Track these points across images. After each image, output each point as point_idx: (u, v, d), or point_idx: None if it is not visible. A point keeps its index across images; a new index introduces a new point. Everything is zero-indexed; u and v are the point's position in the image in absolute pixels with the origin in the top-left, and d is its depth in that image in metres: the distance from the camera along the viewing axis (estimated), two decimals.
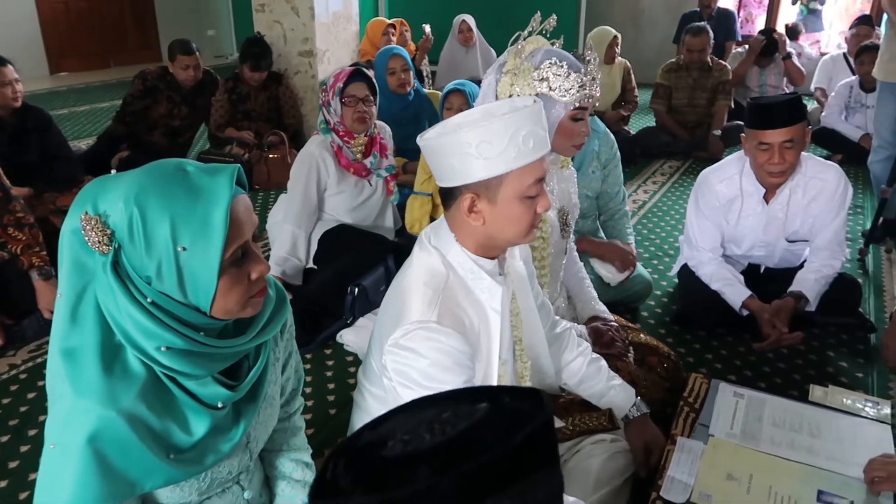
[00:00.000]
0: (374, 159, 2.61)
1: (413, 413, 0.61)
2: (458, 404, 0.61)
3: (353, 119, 2.51)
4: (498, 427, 0.57)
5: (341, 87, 2.49)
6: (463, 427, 0.57)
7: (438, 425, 0.58)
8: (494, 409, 0.60)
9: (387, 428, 0.60)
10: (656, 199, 4.01)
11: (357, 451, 0.58)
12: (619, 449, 1.59)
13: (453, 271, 1.33)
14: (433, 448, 0.56)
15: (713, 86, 4.78)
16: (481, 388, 0.68)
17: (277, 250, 2.57)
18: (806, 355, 2.34)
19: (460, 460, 0.54)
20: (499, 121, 1.20)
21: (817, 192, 2.33)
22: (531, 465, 0.57)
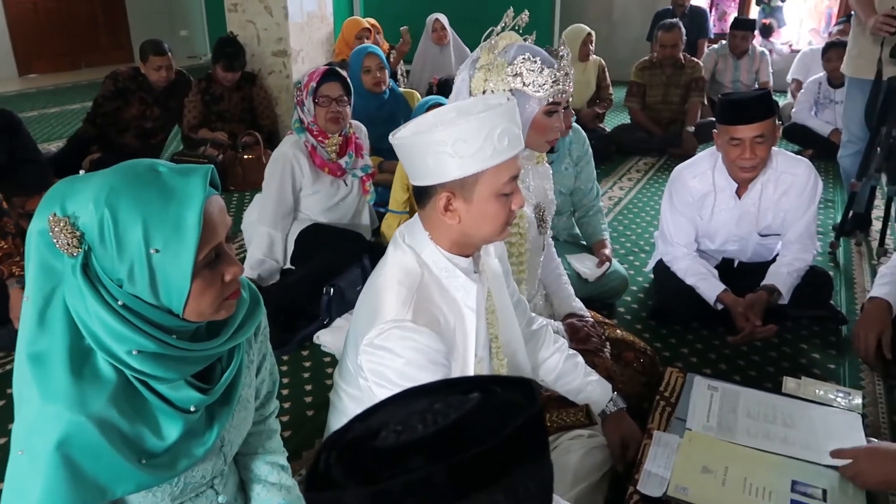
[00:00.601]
0: (349, 159, 2.60)
1: (404, 404, 0.62)
2: (450, 395, 0.61)
3: (326, 119, 2.50)
4: (489, 418, 0.58)
5: (314, 87, 2.47)
6: (455, 417, 0.57)
7: (430, 416, 0.58)
8: (486, 400, 0.60)
9: (378, 419, 0.60)
10: (632, 196, 4.04)
11: (349, 442, 0.58)
12: (596, 444, 1.60)
13: (428, 270, 1.32)
14: (426, 438, 0.56)
15: (686, 83, 4.84)
16: (473, 378, 0.68)
17: (254, 252, 2.54)
18: (779, 347, 2.37)
19: (453, 450, 0.54)
20: (474, 119, 1.20)
21: (788, 186, 2.37)
22: (523, 455, 0.57)
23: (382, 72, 3.59)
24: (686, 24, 5.34)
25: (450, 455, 0.54)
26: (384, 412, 0.61)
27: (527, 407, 0.59)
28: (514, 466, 0.56)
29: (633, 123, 4.99)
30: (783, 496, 1.42)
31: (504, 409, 0.59)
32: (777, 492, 1.43)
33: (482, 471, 0.54)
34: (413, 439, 0.56)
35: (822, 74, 4.83)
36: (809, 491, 1.43)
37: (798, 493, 1.43)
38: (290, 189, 2.54)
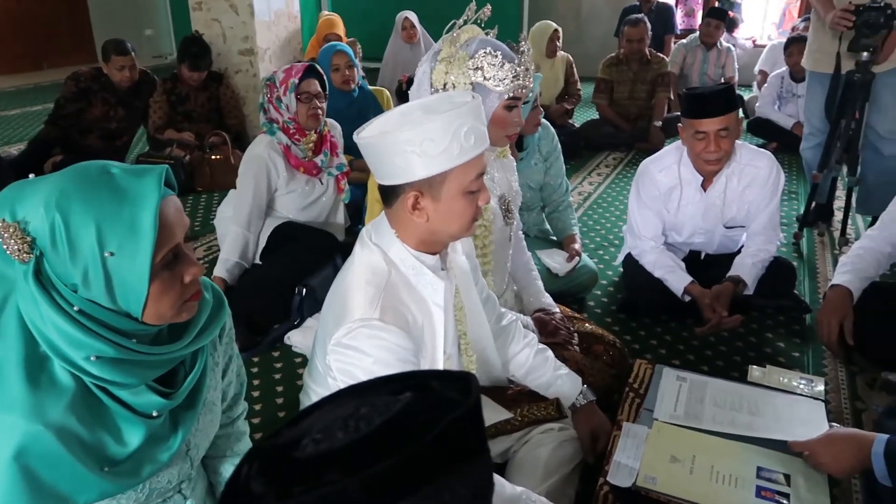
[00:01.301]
0: (324, 157, 2.58)
1: (332, 408, 0.58)
2: (379, 397, 0.58)
3: (307, 115, 2.48)
4: (418, 419, 0.55)
5: (296, 83, 2.45)
6: (379, 422, 0.54)
7: (353, 422, 0.55)
8: (417, 399, 0.57)
9: (305, 425, 0.57)
10: (601, 191, 4.08)
11: (271, 451, 0.55)
12: (567, 437, 1.61)
13: (395, 268, 1.32)
14: (345, 447, 0.53)
15: (653, 78, 4.89)
16: (410, 373, 0.65)
17: (227, 253, 2.50)
18: (745, 337, 2.42)
19: (373, 460, 0.51)
20: (441, 118, 1.20)
21: (751, 178, 2.41)
22: (455, 456, 0.54)
23: (351, 70, 3.57)
24: (652, 20, 5.40)
25: (367, 466, 0.50)
26: (312, 417, 0.58)
27: (461, 403, 0.56)
28: (442, 471, 0.53)
29: (602, 119, 5.03)
30: (749, 482, 1.45)
31: (436, 408, 0.56)
32: (743, 478, 1.46)
33: (402, 480, 0.51)
34: (332, 448, 0.53)
35: (784, 69, 4.93)
36: (774, 476, 1.46)
37: (763, 478, 1.46)
38: (264, 190, 2.51)
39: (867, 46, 2.82)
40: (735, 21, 7.52)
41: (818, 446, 1.46)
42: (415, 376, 0.63)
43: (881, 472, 1.30)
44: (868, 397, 2.07)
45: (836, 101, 3.01)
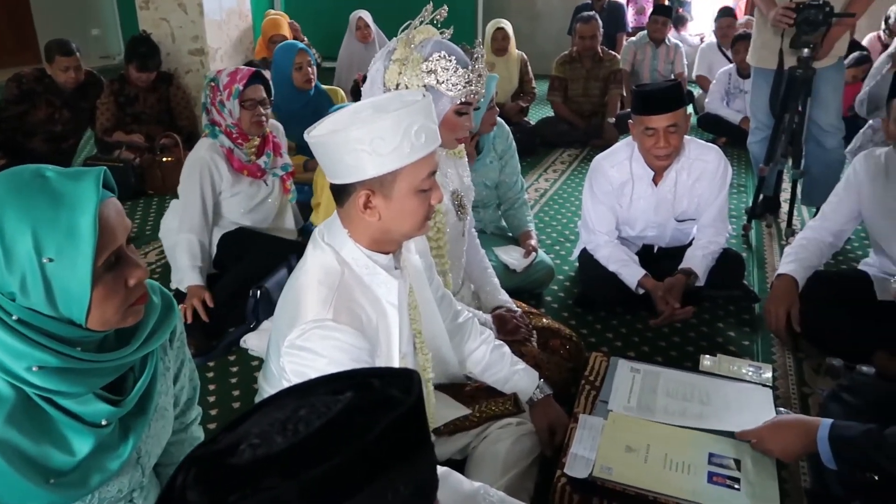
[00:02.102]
0: (267, 158, 2.55)
1: (271, 411, 0.57)
2: (319, 397, 0.58)
3: (251, 122, 2.44)
4: (360, 418, 0.54)
5: (240, 89, 2.41)
6: (319, 424, 0.53)
7: (292, 425, 0.54)
8: (359, 399, 0.57)
9: (244, 429, 0.56)
10: (557, 187, 4.12)
11: (210, 457, 0.54)
12: (525, 431, 1.63)
13: (348, 268, 1.32)
14: (284, 451, 0.51)
15: (605, 76, 4.97)
16: (351, 372, 0.64)
17: (181, 259, 2.44)
18: (698, 328, 2.48)
19: (312, 463, 0.50)
20: (391, 116, 1.19)
21: (700, 172, 2.47)
22: (396, 455, 0.54)
23: (312, 69, 3.55)
24: (604, 19, 5.48)
25: (306, 469, 0.49)
26: (250, 422, 0.56)
27: (403, 401, 0.56)
28: (383, 470, 0.53)
29: (556, 116, 5.09)
30: (701, 468, 1.48)
31: (378, 407, 0.55)
32: (695, 465, 1.49)
33: (343, 481, 0.50)
34: (270, 453, 0.51)
35: (731, 66, 5.06)
36: (725, 462, 1.51)
37: (714, 464, 1.50)
38: (210, 193, 2.47)
39: (807, 43, 2.91)
40: (684, 18, 7.69)
41: (765, 433, 1.50)
42: (356, 375, 0.63)
43: (826, 455, 1.35)
44: (814, 382, 2.14)
45: (780, 96, 3.10)
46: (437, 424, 1.60)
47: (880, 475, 1.20)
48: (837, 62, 3.14)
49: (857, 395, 1.59)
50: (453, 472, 1.32)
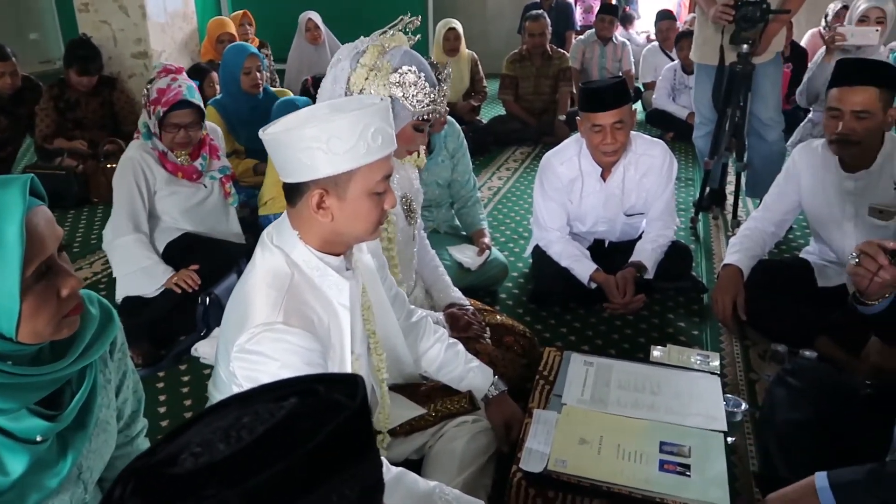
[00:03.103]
0: (203, 161, 2.49)
1: (213, 420, 0.56)
2: (262, 404, 0.57)
3: (172, 142, 2.40)
4: (304, 424, 0.54)
5: (161, 113, 2.34)
6: (262, 431, 0.52)
7: (234, 432, 0.53)
8: (303, 405, 0.56)
9: (184, 439, 0.54)
10: (510, 185, 4.16)
11: (149, 469, 0.52)
12: (481, 429, 1.64)
13: (298, 270, 1.30)
14: (226, 460, 0.50)
15: (555, 73, 5.03)
16: (295, 379, 0.64)
17: (126, 267, 2.37)
18: (649, 319, 2.52)
19: (255, 470, 0.49)
20: (348, 116, 1.19)
21: (647, 167, 2.52)
22: (341, 460, 0.54)
23: (261, 74, 3.49)
24: (553, 17, 5.55)
25: (249, 477, 0.49)
26: (192, 431, 0.55)
27: (348, 406, 0.56)
28: (328, 475, 0.53)
29: (508, 115, 5.13)
30: (653, 457, 1.51)
31: (322, 413, 0.55)
32: (647, 454, 1.52)
33: (286, 488, 0.50)
34: (213, 461, 0.50)
35: (677, 62, 5.17)
36: (676, 449, 1.53)
37: (666, 452, 1.53)
38: (145, 192, 2.39)
39: (746, 39, 3.00)
40: (631, 17, 7.84)
41: None
42: (300, 382, 0.62)
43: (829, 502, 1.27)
44: (760, 368, 2.20)
45: (722, 91, 3.18)
46: (393, 425, 1.59)
47: None
48: (776, 58, 3.24)
49: (801, 379, 1.64)
50: (408, 472, 1.32)
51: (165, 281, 2.31)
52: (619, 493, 1.43)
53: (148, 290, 2.36)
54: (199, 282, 2.31)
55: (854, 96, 2.00)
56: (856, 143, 2.04)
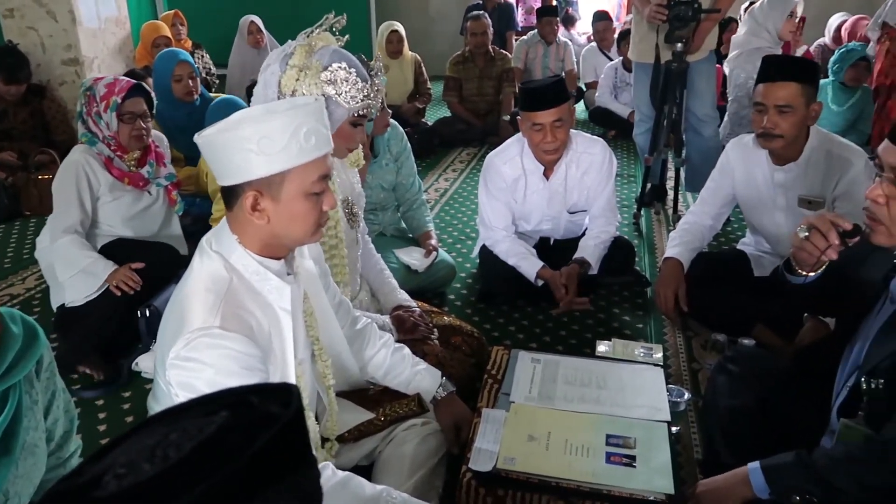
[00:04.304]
0: (150, 168, 2.43)
1: (140, 438, 0.54)
2: (191, 419, 0.55)
3: (129, 136, 2.32)
4: (236, 438, 0.52)
5: (118, 102, 2.28)
6: (190, 447, 0.51)
7: (161, 451, 0.51)
8: (235, 417, 0.54)
9: (109, 460, 0.52)
10: (457, 186, 4.17)
11: (71, 492, 0.50)
12: (430, 431, 1.63)
13: (237, 274, 1.28)
14: (152, 480, 0.48)
15: (498, 74, 5.07)
16: (227, 391, 0.62)
17: (69, 271, 2.26)
18: (595, 314, 2.56)
19: (182, 490, 0.47)
20: (280, 117, 1.18)
21: (588, 165, 2.56)
22: (275, 472, 0.53)
23: (194, 80, 3.40)
24: (494, 18, 5.59)
25: (177, 497, 0.47)
26: (117, 451, 0.53)
27: (281, 416, 0.55)
28: (262, 488, 0.51)
29: (453, 116, 5.15)
30: (599, 450, 1.53)
31: (255, 425, 0.54)
32: (594, 447, 1.54)
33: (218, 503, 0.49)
34: (137, 482, 0.48)
35: (618, 60, 5.28)
36: (621, 441, 1.56)
37: (612, 445, 1.55)
38: (87, 196, 2.30)
39: (680, 38, 3.08)
40: (573, 18, 7.97)
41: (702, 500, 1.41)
42: (232, 394, 0.60)
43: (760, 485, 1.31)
44: (702, 357, 2.26)
45: (659, 88, 3.26)
46: (341, 431, 1.57)
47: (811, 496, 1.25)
48: (709, 55, 3.33)
49: (740, 365, 1.68)
50: (355, 476, 1.31)
51: (107, 277, 2.20)
52: (567, 487, 1.44)
53: (88, 292, 2.25)
54: (140, 282, 2.21)
55: (777, 91, 2.07)
56: (779, 136, 2.11)
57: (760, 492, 1.29)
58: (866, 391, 1.26)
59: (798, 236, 1.39)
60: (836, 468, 1.21)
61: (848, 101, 4.09)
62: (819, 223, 1.36)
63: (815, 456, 1.24)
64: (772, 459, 1.30)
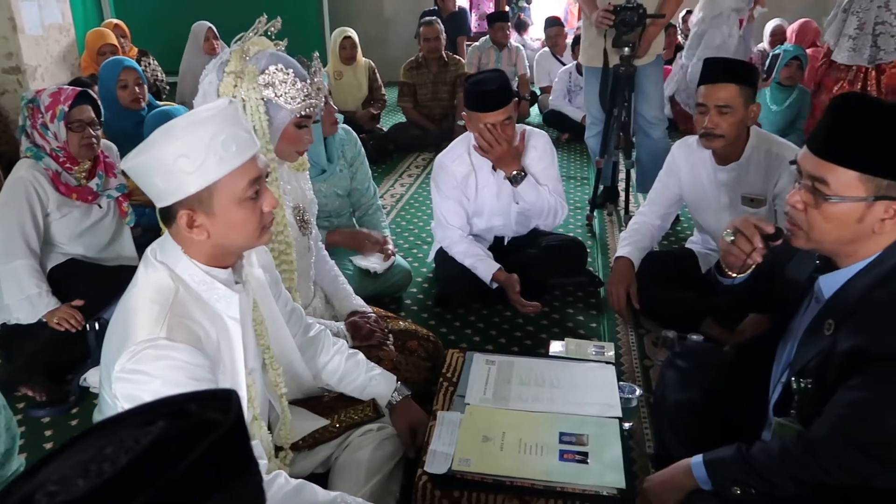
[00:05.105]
0: (99, 180, 2.37)
1: (73, 453, 0.53)
2: (127, 431, 0.54)
3: (80, 145, 2.26)
4: (174, 448, 0.51)
5: (65, 111, 2.22)
6: (126, 461, 0.50)
7: (95, 465, 0.49)
8: (173, 427, 0.54)
9: (41, 477, 0.51)
10: (412, 192, 4.18)
11: None
12: (386, 436, 1.63)
13: (183, 284, 1.26)
14: (86, 496, 0.47)
15: (452, 79, 5.10)
16: (165, 400, 0.61)
17: (15, 294, 2.20)
18: (549, 315, 2.60)
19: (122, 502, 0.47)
20: (193, 131, 1.15)
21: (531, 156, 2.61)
22: (215, 481, 0.52)
23: (141, 87, 3.33)
24: (447, 24, 5.63)
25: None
26: (50, 468, 0.52)
27: (221, 423, 0.54)
28: (202, 498, 0.51)
29: (408, 121, 5.16)
30: (553, 448, 1.56)
31: (194, 434, 0.53)
32: (548, 445, 1.57)
33: None
34: (71, 499, 0.47)
35: (571, 65, 5.37)
36: (574, 439, 1.59)
37: (565, 442, 1.58)
38: (39, 213, 2.24)
39: (627, 42, 3.15)
40: (525, 23, 8.07)
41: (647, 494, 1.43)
42: (169, 402, 0.59)
43: (702, 478, 1.34)
44: (653, 354, 2.31)
45: (608, 92, 3.33)
46: (295, 439, 1.56)
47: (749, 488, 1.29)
48: (656, 59, 3.41)
49: (688, 360, 1.73)
50: (308, 484, 1.30)
51: (45, 314, 2.17)
52: (522, 486, 1.46)
53: (31, 319, 2.20)
54: (82, 321, 2.17)
55: (717, 92, 2.14)
56: (720, 136, 2.18)
57: (703, 484, 1.33)
58: (796, 390, 1.30)
59: (725, 240, 1.45)
60: (771, 462, 1.25)
61: (786, 100, 4.25)
62: (743, 227, 1.43)
63: (753, 450, 1.28)
64: (714, 453, 1.34)
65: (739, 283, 1.49)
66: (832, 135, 1.21)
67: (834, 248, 1.26)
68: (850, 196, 1.18)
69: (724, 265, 1.50)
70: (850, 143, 1.18)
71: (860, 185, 1.17)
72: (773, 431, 1.36)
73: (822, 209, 1.21)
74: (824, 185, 1.20)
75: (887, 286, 1.19)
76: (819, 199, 1.21)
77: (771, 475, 1.25)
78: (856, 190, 1.18)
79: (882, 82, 3.42)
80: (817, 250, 1.30)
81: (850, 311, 1.21)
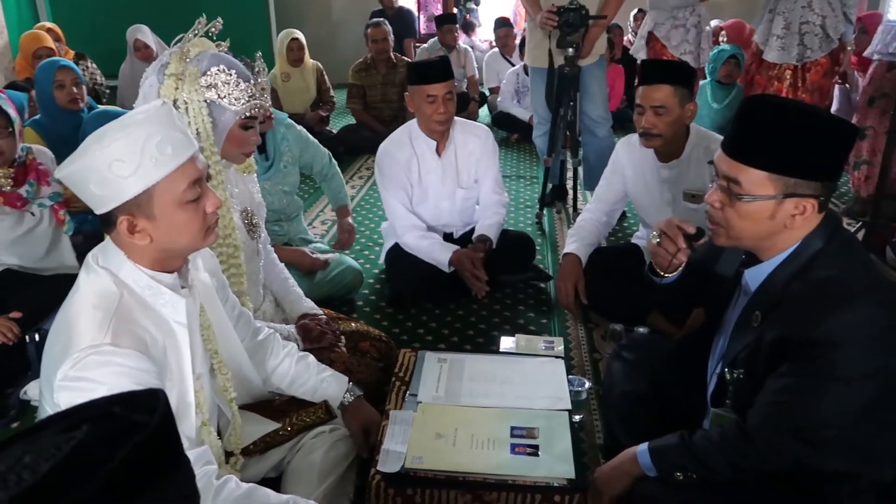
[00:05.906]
0: (30, 187, 2.30)
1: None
2: (47, 438, 0.53)
3: None
4: (97, 453, 0.50)
5: None
6: (47, 469, 0.49)
7: (14, 476, 0.48)
8: (96, 431, 0.53)
9: None
10: (363, 193, 4.17)
11: None
12: (339, 437, 1.63)
13: (127, 289, 1.23)
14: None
15: (401, 81, 5.09)
16: (88, 404, 0.60)
17: None
18: (501, 312, 2.63)
19: None
20: (125, 135, 1.13)
21: (474, 146, 2.71)
22: (143, 482, 0.52)
23: (80, 88, 3.23)
24: (394, 25, 5.63)
25: None
26: None
27: (148, 424, 0.54)
28: (133, 498, 0.50)
29: (358, 123, 5.15)
30: (504, 442, 1.58)
31: (119, 437, 0.52)
32: (499, 440, 1.59)
33: None
34: None
35: (520, 66, 5.43)
36: (525, 432, 1.62)
37: (516, 436, 1.60)
38: None
39: (571, 43, 3.21)
40: (472, 24, 8.12)
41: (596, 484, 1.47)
42: (93, 406, 0.58)
43: (647, 465, 1.38)
44: (602, 347, 2.37)
45: (554, 92, 3.39)
46: (246, 443, 1.55)
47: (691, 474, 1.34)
48: (599, 59, 3.48)
49: (633, 352, 1.78)
50: (259, 487, 1.29)
51: None
52: (475, 480, 1.48)
53: None
54: (19, 333, 2.11)
55: (653, 93, 2.21)
56: (657, 135, 2.26)
57: (648, 470, 1.37)
58: (730, 381, 1.36)
59: (652, 242, 1.52)
60: (711, 450, 1.30)
61: (725, 98, 4.39)
62: (667, 229, 1.50)
63: (695, 438, 1.33)
64: (658, 441, 1.39)
65: (671, 281, 1.55)
66: (742, 136, 1.27)
67: (752, 243, 1.32)
68: (760, 195, 1.23)
69: (655, 265, 1.56)
70: (759, 145, 1.24)
71: (769, 184, 1.23)
72: (711, 421, 1.41)
73: (736, 208, 1.26)
74: (737, 184, 1.25)
75: (805, 277, 1.25)
76: (733, 199, 1.26)
77: (711, 462, 1.30)
78: (766, 189, 1.23)
79: (807, 79, 3.57)
80: (738, 246, 1.36)
81: (774, 303, 1.27)
